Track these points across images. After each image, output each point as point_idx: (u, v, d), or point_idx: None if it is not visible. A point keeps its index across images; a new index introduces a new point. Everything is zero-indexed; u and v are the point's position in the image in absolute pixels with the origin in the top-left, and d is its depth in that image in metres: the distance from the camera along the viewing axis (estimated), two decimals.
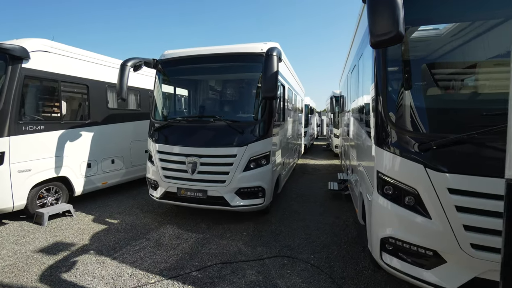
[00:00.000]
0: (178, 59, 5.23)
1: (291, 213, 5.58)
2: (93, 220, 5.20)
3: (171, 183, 4.86)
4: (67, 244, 4.23)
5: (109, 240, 4.35)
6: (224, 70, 5.27)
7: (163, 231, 4.72)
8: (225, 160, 4.59)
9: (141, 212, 5.63)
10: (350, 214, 5.51)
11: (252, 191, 4.68)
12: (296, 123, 9.50)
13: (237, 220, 5.12)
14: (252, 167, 4.66)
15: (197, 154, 4.65)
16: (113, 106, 6.65)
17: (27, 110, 4.95)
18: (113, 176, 6.65)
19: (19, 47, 4.67)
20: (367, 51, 3.45)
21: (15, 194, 4.75)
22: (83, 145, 5.88)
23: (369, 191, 3.05)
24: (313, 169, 10.62)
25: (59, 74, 5.32)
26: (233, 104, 5.57)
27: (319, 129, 27.50)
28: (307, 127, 15.24)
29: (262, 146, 4.74)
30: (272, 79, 4.06)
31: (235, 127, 4.62)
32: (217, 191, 4.64)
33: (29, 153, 4.88)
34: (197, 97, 5.91)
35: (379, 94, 2.71)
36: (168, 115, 5.43)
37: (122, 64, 4.78)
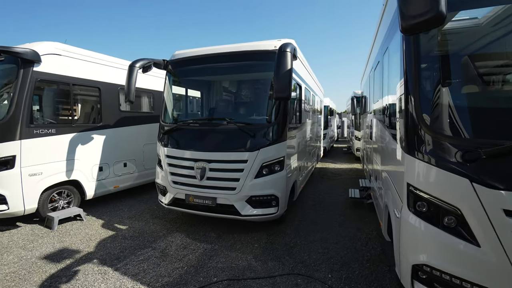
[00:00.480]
0: (189, 59, 5.00)
1: (308, 223, 5.16)
2: (102, 225, 5.08)
3: (179, 189, 4.62)
4: (72, 251, 4.10)
5: (114, 248, 4.17)
6: (236, 69, 4.97)
7: (171, 239, 4.48)
8: (235, 166, 4.28)
9: (151, 218, 5.46)
10: (373, 226, 5.00)
11: (265, 199, 4.33)
12: (314, 125, 9.03)
13: (249, 230, 4.79)
14: (265, 174, 4.31)
15: (206, 159, 4.38)
16: (125, 109, 6.56)
17: (38, 113, 4.93)
18: (125, 180, 6.56)
19: (30, 51, 4.65)
20: (394, 44, 3.00)
21: (26, 198, 4.72)
22: (95, 148, 5.82)
23: (397, 205, 2.60)
24: (333, 174, 10.08)
25: (70, 77, 5.28)
26: (245, 106, 5.26)
27: (339, 131, 26.61)
28: (327, 129, 14.64)
29: (276, 150, 4.38)
30: (285, 77, 3.70)
31: (246, 130, 4.31)
32: (227, 199, 4.33)
33: (40, 156, 4.85)
34: (207, 99, 5.66)
35: (409, 93, 2.27)
36: (177, 118, 5.21)
37: (131, 65, 4.62)
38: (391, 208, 2.91)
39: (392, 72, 3.16)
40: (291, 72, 3.76)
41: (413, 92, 2.24)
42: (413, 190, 2.21)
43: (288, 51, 3.77)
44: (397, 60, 2.74)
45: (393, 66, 3.07)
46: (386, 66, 3.69)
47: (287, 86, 3.74)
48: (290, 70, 3.76)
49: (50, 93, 5.21)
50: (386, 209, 3.41)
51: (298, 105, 5.82)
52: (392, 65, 3.16)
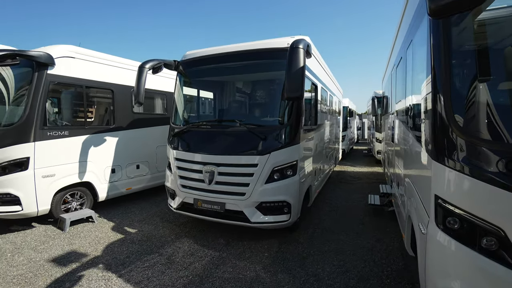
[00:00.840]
0: (199, 59, 4.86)
1: (323, 231, 4.85)
2: (112, 228, 5.04)
3: (188, 193, 4.47)
4: (79, 254, 4.05)
5: (121, 253, 4.09)
6: (248, 69, 4.77)
7: (178, 245, 4.34)
8: (245, 170, 4.07)
9: (160, 222, 5.36)
10: (394, 236, 4.60)
11: (276, 206, 4.08)
12: (332, 127, 8.65)
13: (260, 237, 4.55)
14: (276, 179, 4.07)
15: (215, 163, 4.20)
16: (138, 111, 6.56)
17: (52, 115, 4.98)
18: (138, 182, 6.54)
19: (44, 54, 4.70)
20: (419, 35, 2.67)
21: (39, 199, 4.77)
22: (108, 150, 5.83)
23: (422, 219, 2.27)
24: (352, 178, 9.62)
25: (84, 80, 5.31)
26: (256, 107, 5.05)
27: (359, 132, 25.74)
28: (346, 130, 14.11)
29: (288, 154, 4.12)
30: (297, 76, 3.45)
31: (256, 132, 4.08)
32: (236, 204, 4.13)
33: (53, 158, 4.89)
34: (218, 100, 5.50)
35: (438, 90, 1.95)
36: (187, 120, 5.09)
37: (140, 67, 4.54)
38: (415, 221, 2.57)
39: (417, 68, 2.82)
40: (303, 70, 3.50)
41: (443, 89, 1.92)
42: (442, 204, 1.89)
43: (301, 47, 3.51)
44: (423, 54, 2.41)
45: (418, 61, 2.74)
46: (409, 62, 3.33)
47: (300, 85, 3.48)
48: (303, 68, 3.50)
49: (64, 96, 5.26)
50: (409, 221, 3.06)
51: (314, 106, 5.52)
52: (417, 60, 2.82)
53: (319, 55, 5.95)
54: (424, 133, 2.39)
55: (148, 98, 7.05)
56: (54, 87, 4.96)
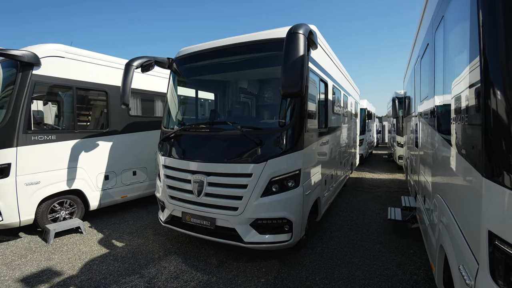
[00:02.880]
0: (193, 55, 4.36)
1: (333, 251, 4.15)
2: (100, 241, 4.61)
3: (176, 206, 3.95)
4: (54, 272, 3.62)
5: (99, 272, 3.62)
6: (244, 64, 4.19)
7: (164, 264, 3.81)
8: (237, 181, 3.48)
9: (152, 234, 4.88)
10: (420, 262, 3.82)
11: (274, 224, 3.46)
12: (348, 130, 7.88)
13: (258, 257, 3.94)
14: (274, 191, 3.45)
15: (204, 171, 3.65)
16: (135, 114, 6.18)
17: (37, 118, 4.66)
18: (134, 189, 6.13)
19: (28, 53, 4.39)
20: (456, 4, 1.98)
21: (22, 209, 4.42)
22: (101, 155, 5.45)
23: (466, 263, 1.58)
24: (370, 186, 8.75)
25: (74, 80, 4.97)
26: (253, 107, 4.47)
27: (379, 136, 24.43)
28: (364, 134, 13.18)
29: (289, 162, 3.50)
30: (296, 67, 2.84)
31: (251, 136, 3.49)
32: (227, 220, 3.55)
33: (38, 164, 4.55)
34: (211, 100, 4.97)
35: (492, 81, 1.29)
36: (178, 123, 4.58)
37: (127, 64, 4.12)
38: (453, 260, 1.86)
39: (453, 52, 2.13)
40: (303, 60, 2.88)
41: (503, 79, 1.24)
42: (503, 248, 1.21)
43: (301, 32, 2.90)
44: (464, 30, 1.73)
45: (455, 42, 2.05)
46: (439, 47, 2.62)
47: (298, 78, 2.85)
48: (303, 58, 2.88)
49: (51, 98, 4.95)
50: (441, 250, 2.34)
51: (323, 106, 4.86)
52: (453, 42, 2.13)
53: (330, 49, 5.28)
54: (465, 140, 1.71)
55: (147, 100, 6.69)
56: (40, 89, 4.64)
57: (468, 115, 1.62)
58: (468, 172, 1.62)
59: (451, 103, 2.11)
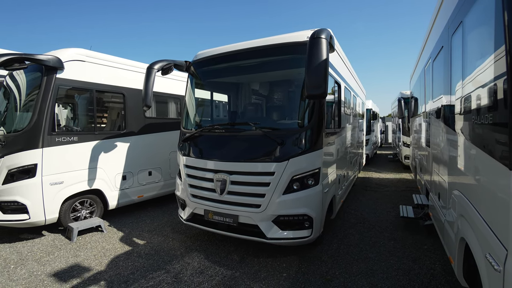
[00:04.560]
0: (211, 58, 4.51)
1: (349, 248, 4.28)
2: (121, 239, 4.76)
3: (198, 204, 4.09)
4: (83, 268, 3.77)
5: (125, 268, 3.76)
6: (263, 67, 4.34)
7: (188, 261, 3.95)
8: (260, 179, 3.62)
9: (171, 232, 5.02)
10: (435, 257, 3.94)
11: (295, 220, 3.59)
12: (356, 130, 8.02)
13: (278, 253, 4.07)
14: (296, 189, 3.59)
15: (227, 170, 3.79)
16: (151, 115, 6.33)
17: (60, 120, 4.82)
18: (150, 189, 6.28)
19: (53, 58, 4.55)
20: (478, 10, 2.12)
21: (47, 207, 4.58)
22: (118, 156, 5.61)
23: (494, 250, 1.71)
24: (378, 185, 8.88)
25: (93, 83, 5.13)
26: (272, 109, 4.60)
27: (383, 136, 24.53)
28: (370, 134, 13.30)
29: (309, 161, 3.64)
30: (319, 70, 2.98)
31: (273, 136, 3.63)
32: (250, 217, 3.69)
33: (61, 165, 4.71)
34: (231, 102, 5.12)
35: None
36: (197, 124, 4.73)
37: (149, 67, 4.27)
38: (478, 249, 1.99)
39: (473, 53, 2.27)
40: (326, 64, 3.02)
41: None
42: None
43: (323, 37, 3.04)
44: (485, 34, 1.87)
45: (476, 44, 2.19)
46: (457, 49, 2.76)
47: (322, 81, 3.00)
48: (326, 61, 3.02)
49: (73, 100, 5.11)
50: (461, 243, 2.48)
51: (337, 107, 4.99)
52: (473, 44, 2.27)
53: (342, 51, 5.43)
54: (485, 135, 1.85)
55: (161, 102, 6.85)
56: (63, 92, 4.81)
57: (494, 112, 1.75)
58: (493, 167, 1.76)
59: (472, 102, 2.24)
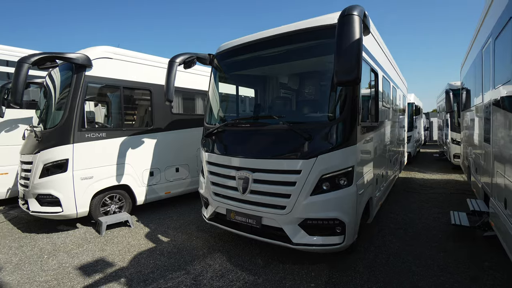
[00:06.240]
0: (235, 49, 4.24)
1: (389, 257, 3.76)
2: (146, 235, 4.73)
3: (220, 203, 3.87)
4: (106, 263, 3.76)
5: (147, 266, 3.67)
6: (289, 55, 3.95)
7: (209, 262, 3.75)
8: (285, 178, 3.28)
9: (196, 231, 4.89)
10: (501, 277, 3.27)
11: (325, 225, 3.20)
12: (396, 126, 7.25)
13: (306, 259, 3.70)
14: (325, 189, 3.19)
15: (250, 168, 3.51)
16: (178, 111, 6.29)
17: (89, 117, 4.92)
18: (177, 186, 6.25)
19: (82, 56, 4.65)
20: None
21: (78, 201, 4.71)
22: (146, 152, 5.62)
23: None
24: (422, 186, 7.98)
25: (121, 80, 5.17)
26: (300, 100, 4.22)
27: (427, 133, 22.54)
28: (412, 130, 12.15)
29: (341, 158, 3.21)
30: (351, 52, 2.55)
31: (299, 131, 3.27)
32: (274, 219, 3.37)
33: (91, 160, 4.81)
34: (255, 95, 4.81)
35: None
36: (221, 119, 4.50)
37: (170, 61, 4.13)
38: None
39: None
40: (360, 44, 2.58)
41: None
42: None
43: (356, 14, 2.60)
44: None
45: None
46: None
47: (355, 64, 2.56)
48: (359, 42, 2.58)
49: (101, 97, 5.21)
50: None
51: (374, 99, 4.45)
52: None
53: (379, 35, 4.83)
54: None
55: (188, 99, 6.79)
56: (92, 88, 4.90)
57: None
58: None
59: None
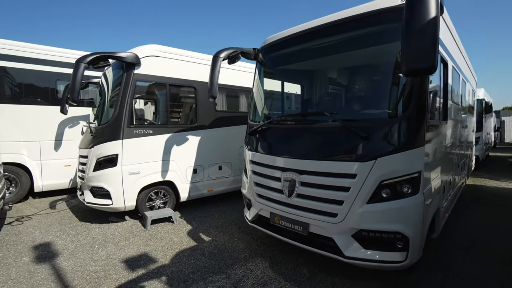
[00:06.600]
0: (282, 41, 3.96)
1: (463, 281, 3.15)
2: (188, 232, 4.72)
3: (264, 205, 3.64)
4: (150, 259, 3.79)
5: (188, 266, 3.60)
6: (344, 44, 3.51)
7: (251, 267, 3.55)
8: (337, 182, 2.91)
9: (237, 231, 4.74)
10: None
11: (384, 238, 2.76)
12: (464, 125, 6.27)
13: (358, 274, 3.28)
14: (385, 197, 2.74)
15: (296, 169, 3.20)
16: (221, 109, 6.23)
17: (138, 114, 5.07)
18: (220, 184, 6.19)
19: (131, 54, 4.79)
20: None
21: (126, 195, 4.88)
22: (190, 149, 5.65)
23: None
24: (495, 196, 6.83)
25: (167, 78, 5.25)
26: (354, 94, 3.77)
27: (497, 134, 19.69)
28: (480, 131, 10.59)
29: (405, 161, 2.73)
30: (426, 33, 2.08)
31: (354, 129, 2.86)
32: (323, 228, 3.02)
33: (138, 156, 4.95)
34: (304, 90, 4.46)
35: None
36: (266, 116, 4.25)
37: (214, 56, 4.01)
38: None
39: None
40: (437, 24, 2.10)
41: None
42: None
43: None
44: None
45: None
46: None
47: (431, 48, 2.10)
48: (436, 21, 2.10)
49: (148, 94, 5.34)
50: None
51: (443, 93, 3.81)
52: None
53: (448, 17, 4.11)
54: None
55: (232, 96, 6.70)
56: (140, 86, 5.04)
57: None
58: None
59: None
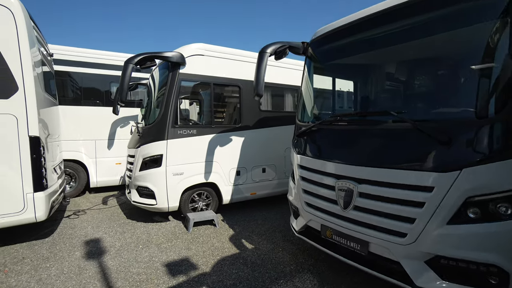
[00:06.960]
0: (335, 32, 3.51)
1: None
2: (230, 238, 4.53)
3: (313, 216, 3.25)
4: (190, 265, 3.65)
5: (229, 276, 3.37)
6: (413, 30, 2.94)
7: (298, 284, 3.19)
8: (408, 195, 2.40)
9: (281, 240, 4.41)
10: None
11: (472, 270, 2.18)
12: None
13: None
14: (473, 218, 2.17)
15: (354, 177, 2.75)
16: (266, 109, 5.95)
17: (182, 114, 5.03)
18: (263, 187, 5.92)
19: (177, 54, 4.76)
20: None
21: (170, 196, 4.87)
22: (233, 151, 5.47)
23: None
24: None
25: (211, 77, 5.13)
26: (426, 90, 3.16)
27: None
28: None
29: (502, 174, 2.12)
30: None
31: (429, 131, 2.33)
32: (387, 248, 2.53)
33: (182, 157, 4.91)
34: (361, 85, 3.93)
35: None
36: (316, 116, 3.83)
37: (261, 52, 3.71)
38: None
39: None
40: None
41: None
42: None
43: None
44: None
45: None
46: None
47: None
48: None
49: (193, 94, 5.28)
50: None
51: None
52: None
53: None
54: None
55: (277, 95, 6.39)
56: (185, 86, 5.00)
57: None
58: None
59: None
